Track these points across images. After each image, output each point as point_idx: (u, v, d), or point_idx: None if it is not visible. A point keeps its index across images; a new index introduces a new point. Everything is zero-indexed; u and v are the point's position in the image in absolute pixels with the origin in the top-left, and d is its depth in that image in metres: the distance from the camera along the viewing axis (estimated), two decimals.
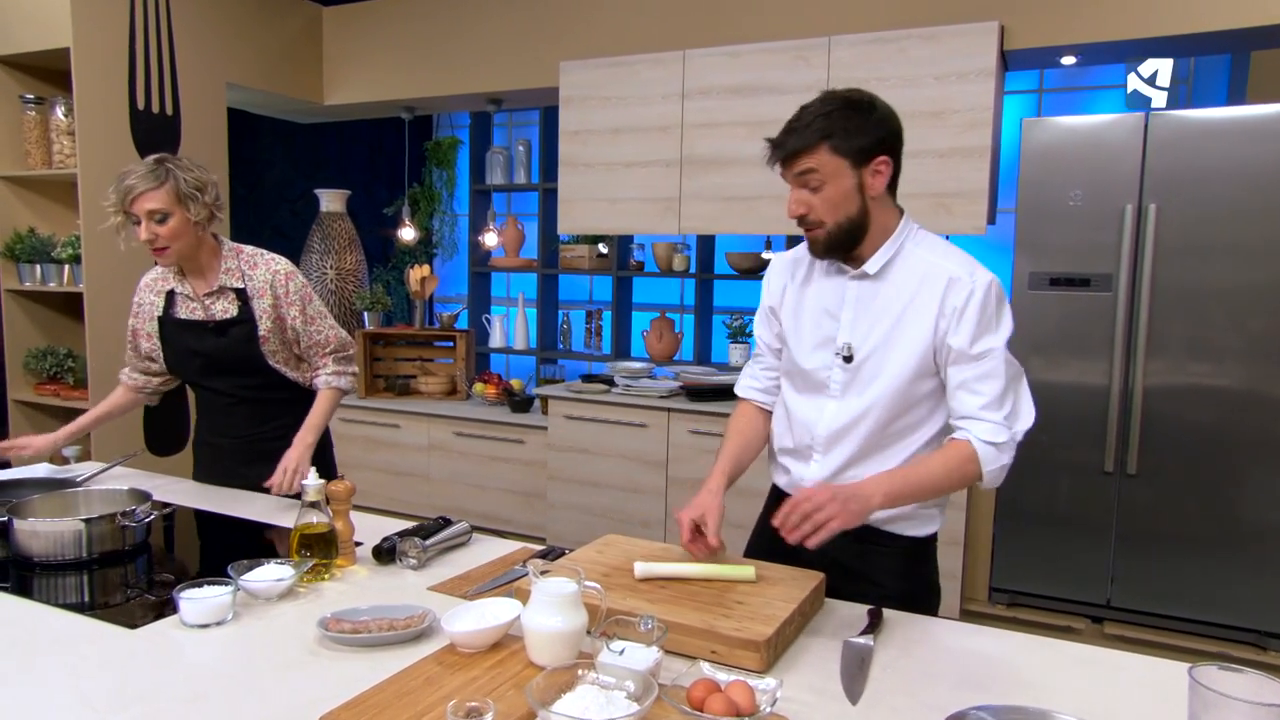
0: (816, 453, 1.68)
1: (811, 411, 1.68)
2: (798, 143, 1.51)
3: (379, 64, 4.55)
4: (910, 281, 1.57)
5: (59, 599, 1.56)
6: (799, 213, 1.56)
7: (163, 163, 2.05)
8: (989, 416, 1.53)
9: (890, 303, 1.58)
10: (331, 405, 2.22)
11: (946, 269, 1.55)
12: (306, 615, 1.48)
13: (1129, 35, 3.15)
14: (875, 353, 1.59)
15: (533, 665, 1.29)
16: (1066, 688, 1.29)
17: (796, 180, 1.54)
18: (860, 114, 1.52)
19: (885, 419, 1.62)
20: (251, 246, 2.24)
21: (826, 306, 1.65)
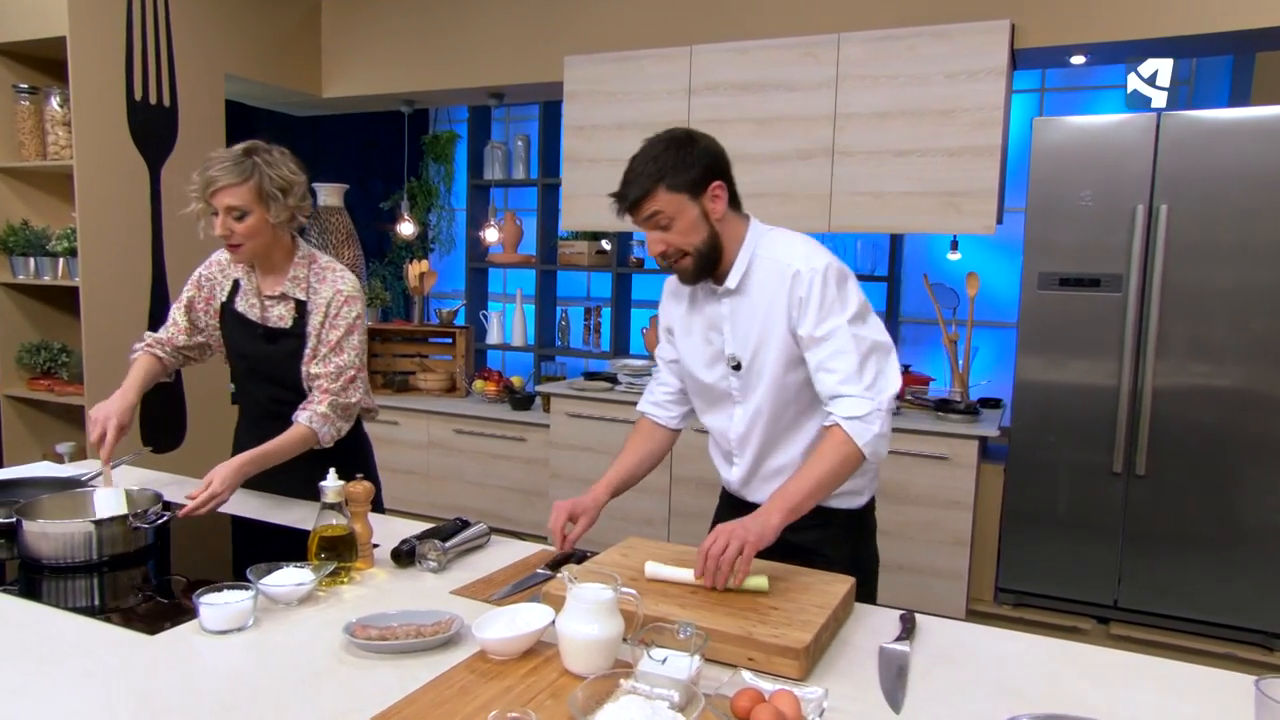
0: (735, 456, 1.86)
1: (723, 420, 1.85)
2: (637, 191, 1.64)
3: (378, 56, 4.49)
4: (767, 284, 1.70)
5: (70, 603, 1.52)
6: (659, 250, 1.68)
7: (251, 154, 1.92)
8: (848, 390, 1.62)
9: (755, 309, 1.72)
10: (297, 447, 1.96)
11: (791, 264, 1.67)
12: (329, 621, 1.45)
13: (1138, 35, 3.14)
14: (755, 356, 1.74)
15: (568, 673, 1.26)
16: (1109, 696, 1.27)
17: (648, 224, 1.67)
18: (683, 150, 1.65)
19: (777, 412, 1.77)
20: (326, 256, 2.12)
21: (710, 325, 1.79)
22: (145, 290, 3.76)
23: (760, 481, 1.84)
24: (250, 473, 1.90)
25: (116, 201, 3.63)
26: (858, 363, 1.64)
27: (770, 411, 1.77)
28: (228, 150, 1.95)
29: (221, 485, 1.81)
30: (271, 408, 2.11)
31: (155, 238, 3.78)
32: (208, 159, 1.94)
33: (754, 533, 1.49)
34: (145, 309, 3.76)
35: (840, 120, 3.42)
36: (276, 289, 2.06)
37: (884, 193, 3.37)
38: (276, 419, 2.07)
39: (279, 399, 2.10)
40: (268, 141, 1.99)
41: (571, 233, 5.16)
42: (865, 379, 1.63)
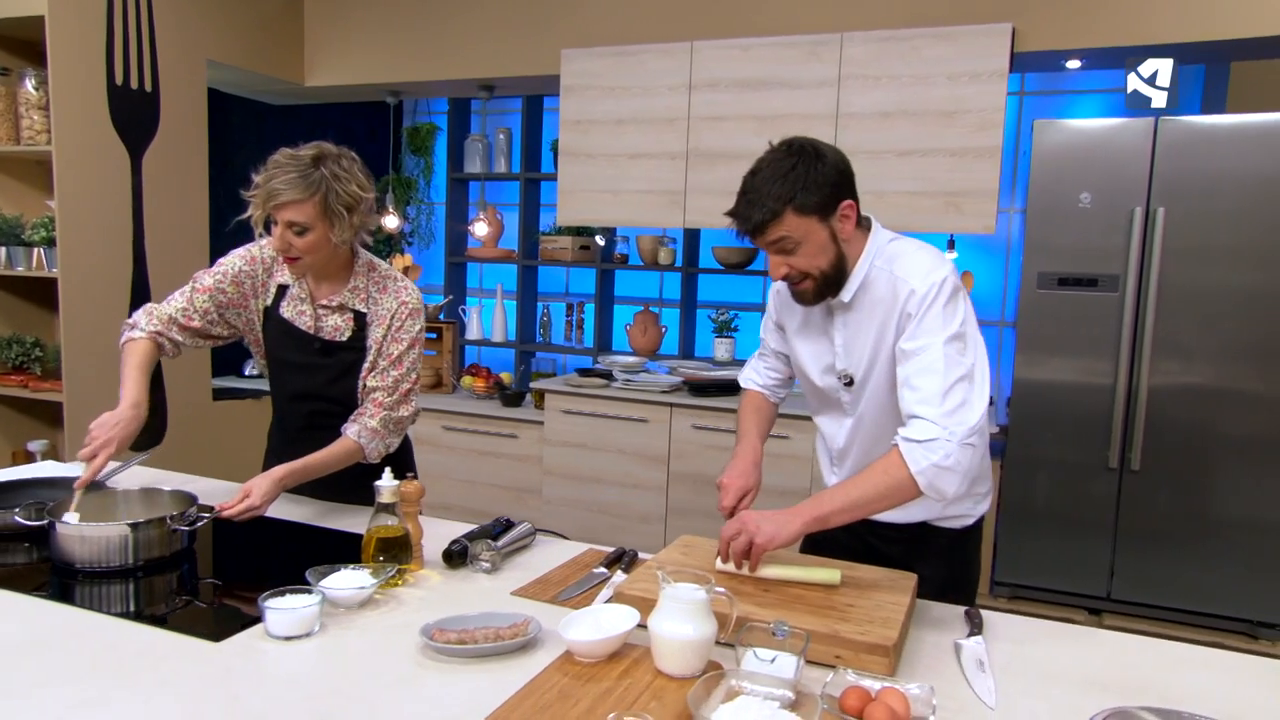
0: (836, 464, 1.84)
1: (832, 426, 1.82)
2: (763, 214, 1.53)
3: (363, 45, 4.39)
4: (882, 300, 1.62)
5: (112, 608, 1.46)
6: (782, 275, 1.60)
7: (320, 164, 1.78)
8: (924, 412, 1.50)
9: (868, 325, 1.64)
10: (341, 461, 1.88)
11: (908, 281, 1.58)
12: (396, 624, 1.41)
13: (1131, 42, 3.22)
14: (868, 373, 1.67)
15: (660, 674, 1.25)
16: (1183, 686, 1.30)
17: (771, 247, 1.57)
18: (812, 167, 1.54)
19: (880, 431, 1.68)
20: (385, 264, 2.02)
21: (822, 334, 1.74)
22: (125, 283, 3.63)
23: None
24: (289, 485, 1.82)
25: (97, 190, 3.49)
26: (945, 385, 1.51)
27: (873, 429, 1.71)
28: (294, 155, 1.79)
29: (260, 499, 1.73)
30: (315, 419, 2.01)
31: (136, 228, 3.64)
32: (271, 163, 1.80)
33: (766, 533, 1.47)
34: (125, 301, 3.62)
35: (843, 119, 3.45)
36: (333, 298, 1.95)
37: (885, 192, 3.40)
38: (317, 429, 1.98)
39: (324, 411, 2.00)
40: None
41: (555, 228, 5.12)
42: (947, 404, 1.50)
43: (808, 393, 1.85)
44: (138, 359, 1.91)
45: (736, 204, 1.59)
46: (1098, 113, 4.52)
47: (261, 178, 1.79)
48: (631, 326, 4.84)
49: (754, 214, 1.54)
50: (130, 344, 1.95)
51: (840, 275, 1.61)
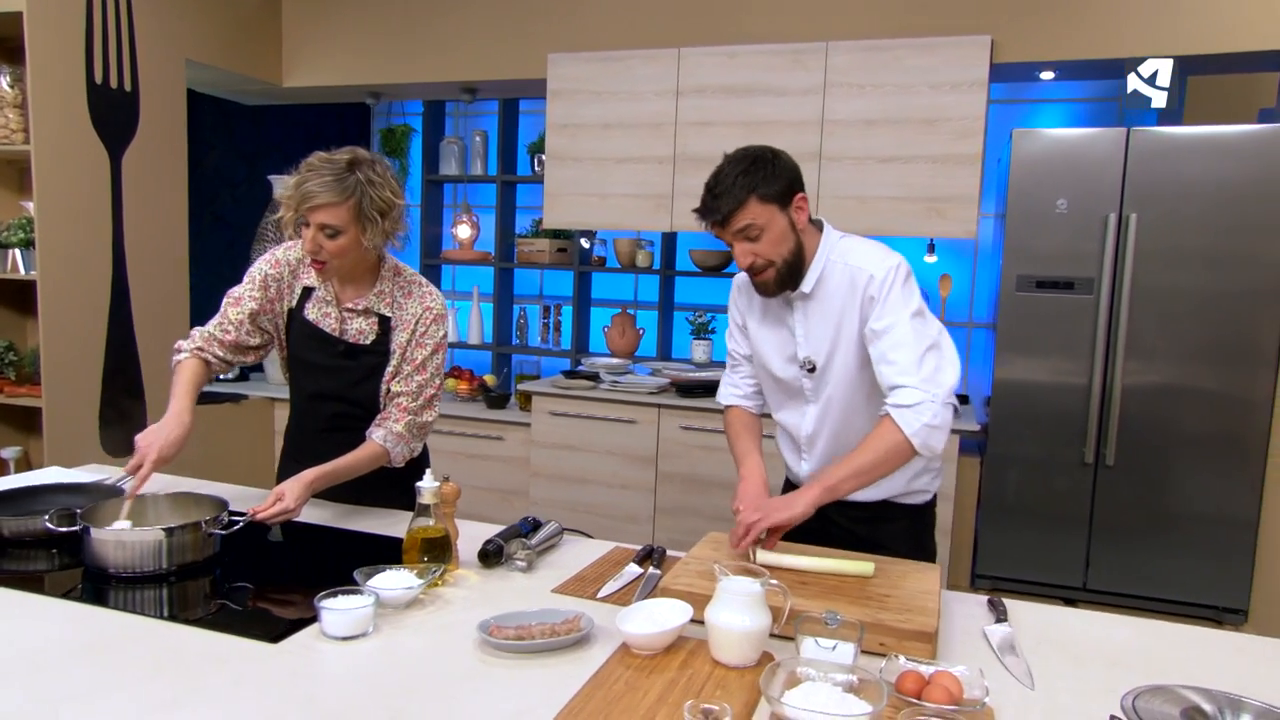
0: (805, 451, 1.94)
1: (795, 417, 1.93)
2: (731, 204, 1.68)
3: (343, 46, 4.36)
4: (840, 289, 1.77)
5: (150, 612, 1.46)
6: (747, 263, 1.73)
7: (354, 169, 1.80)
8: (905, 380, 1.66)
9: (828, 313, 1.79)
10: (367, 465, 1.92)
11: (864, 269, 1.74)
12: (447, 623, 1.43)
13: (1100, 55, 3.36)
14: (829, 358, 1.82)
15: (719, 664, 1.30)
16: (1210, 670, 1.39)
17: (737, 236, 1.71)
18: (769, 164, 1.71)
19: (847, 412, 1.85)
20: (410, 269, 2.03)
21: (782, 326, 1.87)
22: (105, 285, 3.56)
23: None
24: (319, 488, 1.85)
25: (76, 190, 3.42)
26: (917, 355, 1.68)
27: (841, 411, 1.85)
28: (329, 159, 1.81)
29: (294, 501, 1.76)
30: (335, 422, 2.02)
31: (116, 230, 3.57)
32: (305, 166, 1.81)
33: (774, 513, 1.60)
34: (105, 304, 3.55)
35: (828, 126, 3.54)
36: (359, 302, 1.96)
37: (869, 197, 3.50)
38: (338, 432, 2.01)
39: (344, 414, 2.01)
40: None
41: (532, 230, 5.14)
42: (924, 370, 1.67)
43: (768, 388, 1.97)
44: (184, 376, 1.95)
45: (703, 201, 1.74)
46: (1059, 121, 4.69)
47: (295, 180, 1.81)
48: (610, 329, 4.87)
49: (722, 204, 1.69)
50: (178, 366, 1.99)
51: (799, 265, 1.76)
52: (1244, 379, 3.14)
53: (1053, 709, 1.23)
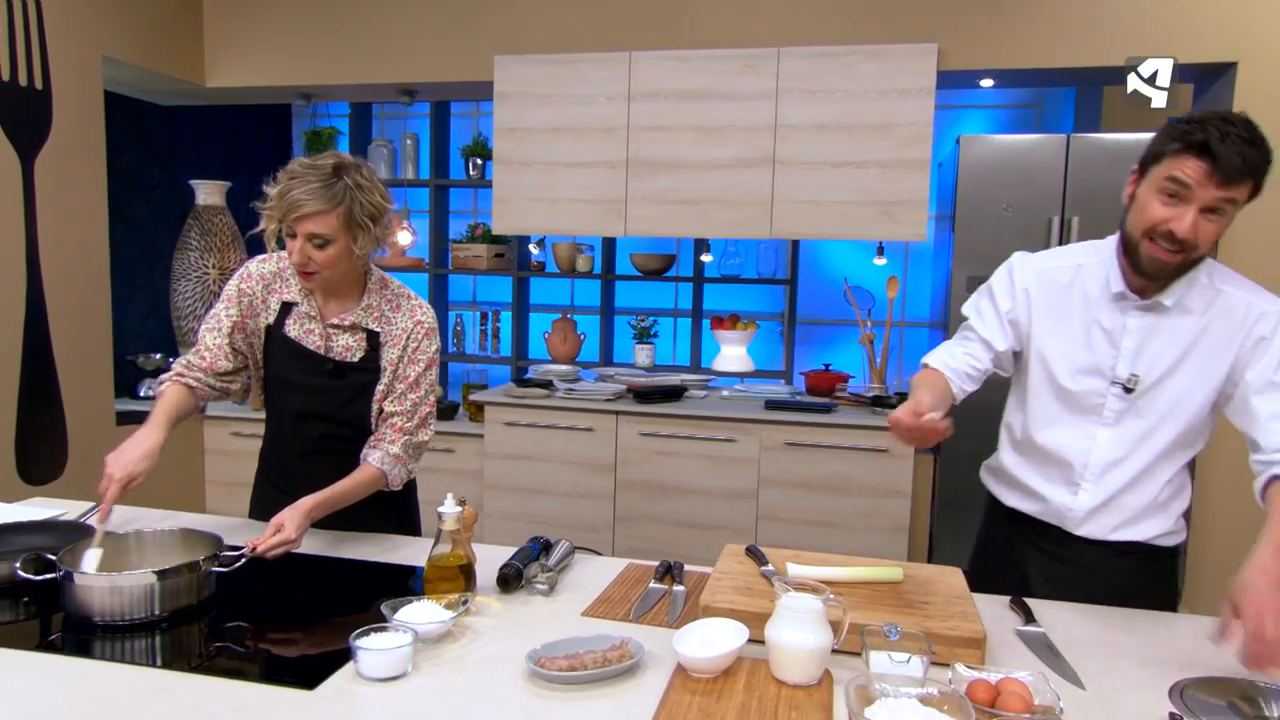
0: (1087, 481, 1.67)
1: (1077, 438, 1.66)
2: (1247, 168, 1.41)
3: (272, 44, 4.15)
4: (1207, 311, 1.56)
5: (142, 661, 1.35)
6: (1187, 235, 1.45)
7: (341, 174, 1.70)
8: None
9: (1182, 333, 1.57)
10: (365, 489, 1.83)
11: (1256, 302, 1.54)
12: (488, 656, 1.37)
13: (1035, 65, 3.49)
14: (1163, 382, 1.59)
15: (782, 683, 1.27)
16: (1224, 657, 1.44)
17: (1209, 203, 1.44)
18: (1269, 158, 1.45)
19: (1168, 448, 1.62)
20: (397, 281, 1.93)
21: (1101, 330, 1.62)
22: (19, 297, 3.28)
23: (1110, 514, 1.66)
24: (318, 516, 1.74)
25: None
26: None
27: (1161, 445, 1.62)
28: (312, 164, 1.70)
29: (294, 530, 1.66)
30: (322, 443, 1.91)
31: (30, 238, 3.30)
32: (288, 173, 1.70)
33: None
34: (20, 319, 3.27)
35: (781, 131, 3.57)
36: (345, 317, 1.86)
37: (823, 201, 3.55)
38: (326, 454, 1.91)
39: (332, 435, 1.91)
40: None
41: (467, 235, 5.02)
42: None
43: (1042, 399, 1.70)
44: (162, 401, 1.84)
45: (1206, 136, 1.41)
46: (982, 126, 4.88)
47: (278, 188, 1.70)
48: (550, 334, 4.81)
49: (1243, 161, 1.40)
50: (158, 393, 1.87)
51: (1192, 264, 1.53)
52: None
53: (1111, 709, 1.25)
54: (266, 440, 2.02)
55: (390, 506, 1.98)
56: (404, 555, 1.82)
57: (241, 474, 4.06)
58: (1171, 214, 1.46)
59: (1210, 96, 3.54)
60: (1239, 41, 3.29)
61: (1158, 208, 1.47)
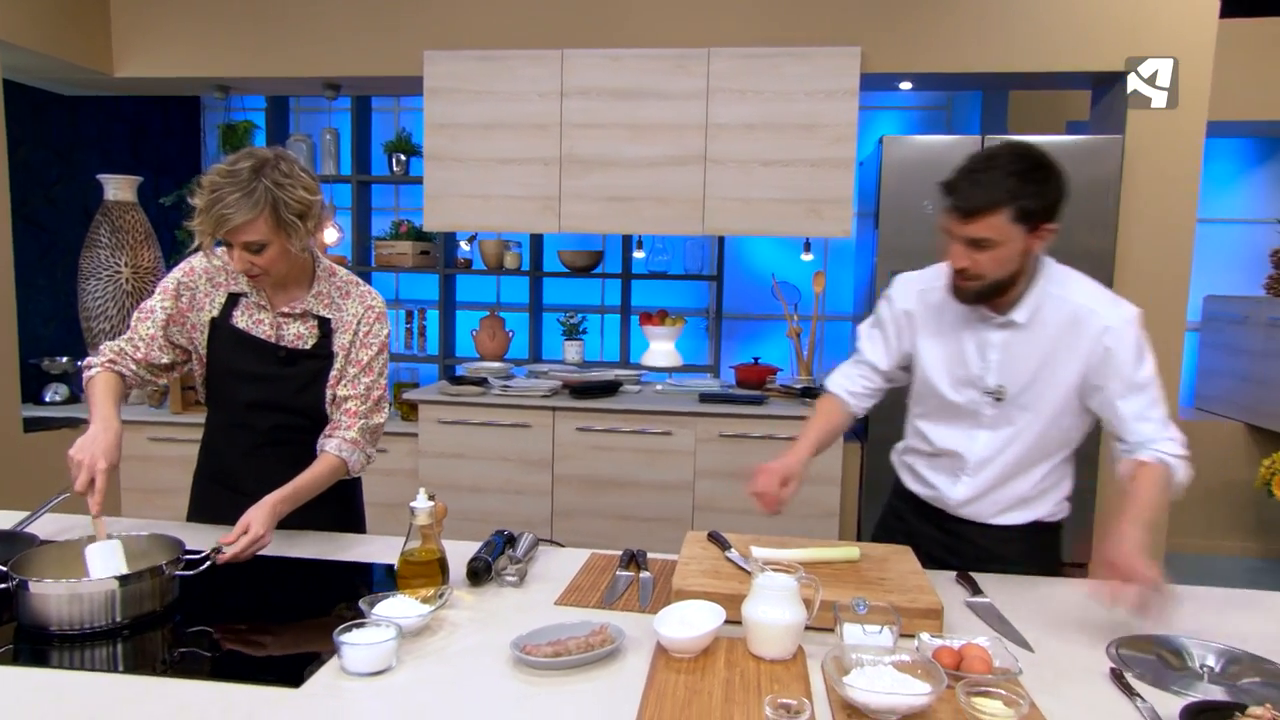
0: (966, 474, 1.82)
1: (960, 439, 1.81)
2: (983, 200, 1.55)
3: (187, 33, 3.99)
4: (1058, 325, 1.69)
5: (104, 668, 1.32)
6: (962, 265, 1.62)
7: (260, 175, 1.66)
8: (1165, 435, 1.65)
9: (1037, 345, 1.70)
10: (328, 479, 1.83)
11: (1097, 312, 1.67)
12: (469, 647, 1.38)
13: (950, 69, 3.67)
14: (1026, 391, 1.73)
15: (760, 659, 1.33)
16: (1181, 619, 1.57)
17: (968, 235, 1.58)
18: (1045, 180, 1.58)
19: (1036, 447, 1.77)
20: (344, 269, 1.92)
21: (972, 346, 1.75)
22: None
23: (986, 504, 1.83)
24: (283, 513, 1.72)
25: None
26: (1165, 412, 1.69)
27: (1028, 446, 1.76)
28: (229, 171, 1.66)
29: (262, 527, 1.64)
30: (275, 434, 1.90)
31: None
32: (209, 187, 1.65)
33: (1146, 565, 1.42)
34: None
35: (711, 130, 3.64)
36: (295, 305, 1.86)
37: (753, 199, 3.64)
38: (278, 445, 1.90)
39: (286, 425, 1.89)
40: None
41: (391, 232, 4.94)
42: (1172, 429, 1.67)
43: (930, 404, 1.85)
44: (99, 388, 1.77)
45: (958, 182, 1.59)
46: (900, 127, 5.08)
47: (203, 203, 1.67)
48: (478, 332, 4.78)
49: (976, 196, 1.56)
50: (89, 382, 1.81)
51: (1004, 290, 1.66)
52: None
53: (1059, 668, 1.36)
54: (209, 437, 1.99)
55: (336, 505, 1.96)
56: (359, 553, 1.83)
57: (160, 480, 3.92)
58: (950, 252, 1.64)
59: (1106, 103, 3.79)
60: (1134, 52, 3.53)
61: (947, 247, 1.66)
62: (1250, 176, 5.17)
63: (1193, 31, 3.48)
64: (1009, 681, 1.21)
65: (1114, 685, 1.30)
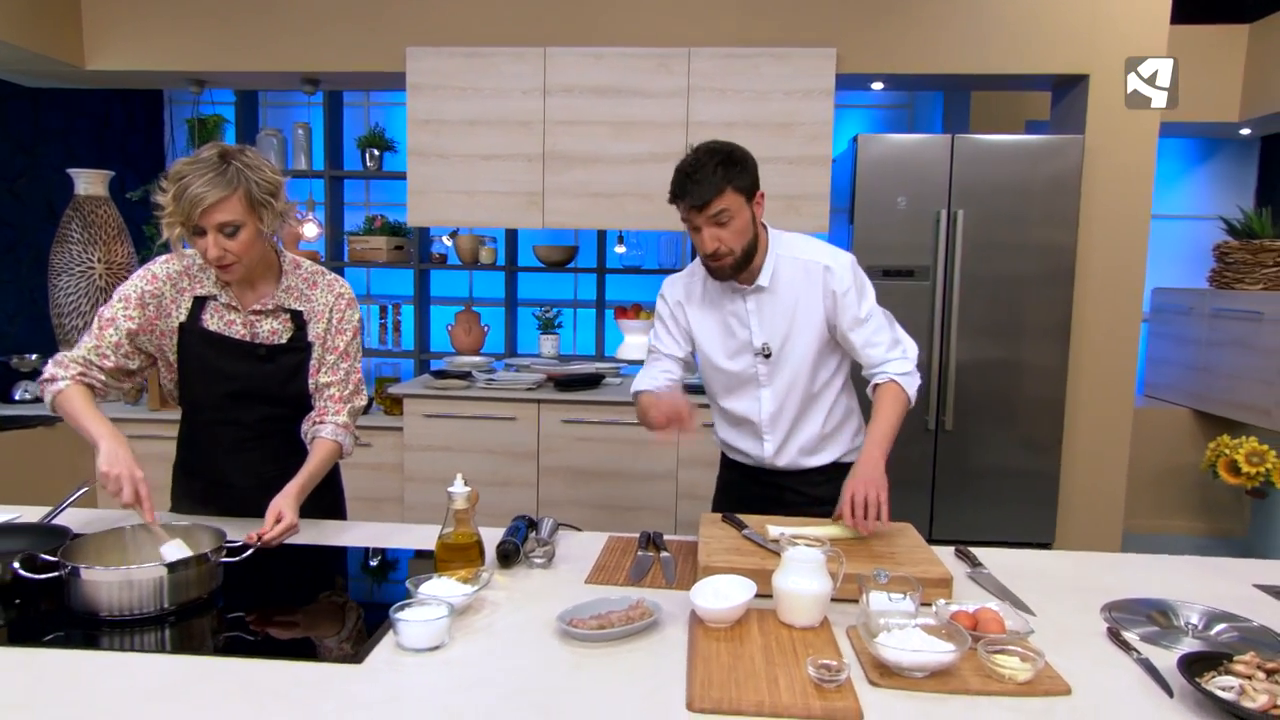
0: (766, 433, 2.11)
1: (748, 403, 2.10)
2: (710, 191, 1.84)
3: (162, 26, 3.95)
4: (794, 281, 1.99)
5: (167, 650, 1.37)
6: (714, 247, 1.89)
7: (228, 159, 1.71)
8: (893, 355, 2.00)
9: (783, 302, 2.00)
10: (330, 460, 1.92)
11: (819, 261, 1.98)
12: (514, 624, 1.46)
13: (921, 70, 3.81)
14: (785, 343, 2.02)
15: (791, 627, 1.43)
16: (1160, 583, 1.71)
17: (710, 221, 1.87)
18: (740, 160, 1.89)
19: (807, 390, 2.07)
20: (308, 261, 1.96)
21: (734, 318, 2.04)
22: None
23: (792, 450, 2.12)
24: (302, 497, 1.81)
25: None
26: (891, 334, 2.03)
27: (802, 390, 2.07)
28: (196, 160, 1.71)
29: (293, 515, 1.73)
30: (262, 427, 1.94)
31: None
32: (177, 173, 1.70)
33: (878, 480, 1.80)
34: None
35: (692, 127, 3.73)
36: (266, 302, 1.89)
37: None
38: (265, 439, 1.96)
39: (271, 417, 1.95)
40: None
41: (364, 227, 4.94)
42: (900, 348, 2.03)
43: (712, 381, 2.14)
44: (81, 401, 1.78)
45: (680, 184, 1.87)
46: (865, 125, 5.23)
47: (172, 191, 1.70)
48: (454, 326, 4.81)
49: (703, 190, 1.84)
50: (61, 396, 1.80)
51: (752, 255, 1.95)
52: (1044, 350, 3.72)
53: (1061, 629, 1.48)
54: (189, 433, 2.00)
55: (324, 490, 1.99)
56: (352, 538, 1.91)
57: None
58: (697, 240, 1.92)
59: (1066, 104, 3.97)
60: (1092, 56, 3.71)
61: (693, 238, 1.93)
62: (1193, 175, 5.44)
63: (1147, 37, 3.67)
64: (1023, 640, 1.33)
65: (1111, 642, 1.43)
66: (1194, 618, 1.52)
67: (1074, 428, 3.84)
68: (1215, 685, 1.19)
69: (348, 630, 1.45)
